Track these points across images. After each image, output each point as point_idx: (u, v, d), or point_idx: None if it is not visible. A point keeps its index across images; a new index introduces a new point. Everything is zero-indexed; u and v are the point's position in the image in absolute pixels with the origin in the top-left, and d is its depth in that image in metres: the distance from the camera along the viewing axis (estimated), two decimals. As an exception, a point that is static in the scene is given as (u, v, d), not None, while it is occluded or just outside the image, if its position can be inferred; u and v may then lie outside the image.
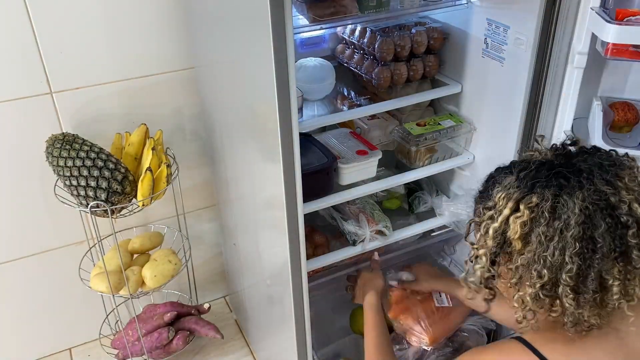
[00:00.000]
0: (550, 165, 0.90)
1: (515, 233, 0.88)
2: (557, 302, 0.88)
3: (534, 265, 0.87)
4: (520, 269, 0.89)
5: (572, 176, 0.87)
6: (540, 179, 0.88)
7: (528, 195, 0.88)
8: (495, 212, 0.92)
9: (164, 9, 1.61)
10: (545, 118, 1.40)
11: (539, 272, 0.87)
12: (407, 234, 1.66)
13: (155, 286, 1.67)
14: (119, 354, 1.85)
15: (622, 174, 0.88)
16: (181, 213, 1.81)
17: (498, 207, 0.91)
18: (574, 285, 0.86)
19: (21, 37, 1.49)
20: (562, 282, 0.86)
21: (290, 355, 1.55)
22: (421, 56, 1.59)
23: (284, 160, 1.20)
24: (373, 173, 1.52)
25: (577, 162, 0.90)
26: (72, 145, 1.48)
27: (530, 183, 0.89)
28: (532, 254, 0.87)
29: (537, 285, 0.87)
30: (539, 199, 0.87)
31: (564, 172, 0.88)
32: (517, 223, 0.87)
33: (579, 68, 1.30)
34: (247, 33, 1.20)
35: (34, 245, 1.79)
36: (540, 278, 0.87)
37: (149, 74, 1.68)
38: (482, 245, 0.94)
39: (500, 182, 0.93)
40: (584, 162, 0.89)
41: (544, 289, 0.88)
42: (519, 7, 1.33)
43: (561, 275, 0.85)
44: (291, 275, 1.37)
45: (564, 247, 0.84)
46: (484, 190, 1.00)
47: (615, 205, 0.85)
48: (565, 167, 0.89)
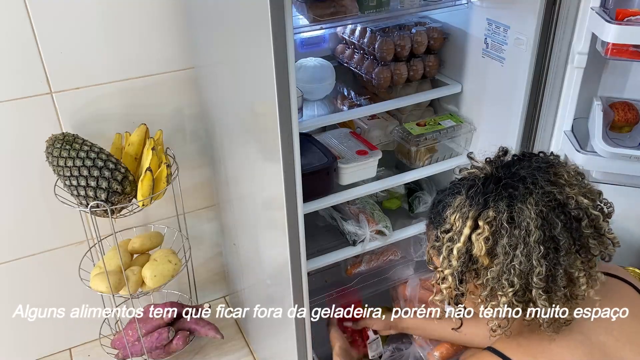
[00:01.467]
0: (495, 179, 0.93)
1: (480, 250, 0.90)
2: (531, 305, 0.90)
3: (504, 275, 0.89)
4: (490, 281, 0.91)
5: (519, 184, 0.90)
6: (490, 193, 0.91)
7: (484, 211, 0.90)
8: (453, 233, 0.94)
9: (163, 9, 1.61)
10: (545, 118, 1.40)
11: (510, 281, 0.89)
12: (407, 234, 1.66)
13: (155, 286, 1.67)
14: (119, 354, 1.85)
15: (560, 171, 0.92)
16: (181, 213, 1.81)
17: (455, 228, 0.93)
18: (545, 286, 0.88)
19: (21, 37, 1.49)
20: (534, 286, 0.88)
21: (290, 355, 1.55)
22: (421, 56, 1.59)
23: (284, 160, 1.20)
24: (373, 173, 1.52)
25: (517, 170, 0.93)
26: (72, 145, 1.48)
27: (482, 199, 0.91)
28: (500, 265, 0.89)
29: (510, 293, 0.89)
30: (495, 212, 0.89)
31: (511, 182, 0.91)
32: (480, 240, 0.89)
33: (579, 68, 1.30)
34: (247, 33, 1.20)
35: (34, 245, 1.79)
36: (512, 287, 0.89)
37: (149, 74, 1.68)
38: (447, 267, 0.95)
39: (449, 204, 0.95)
40: (524, 169, 0.92)
41: (517, 295, 0.90)
42: (519, 7, 1.33)
43: (532, 279, 0.88)
44: (291, 275, 1.37)
45: (530, 252, 0.87)
46: (433, 216, 1.02)
47: (564, 202, 0.89)
48: (509, 178, 0.92)
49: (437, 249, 0.99)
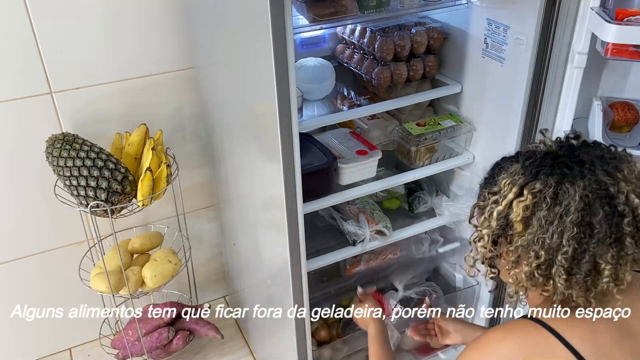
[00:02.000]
0: (554, 155, 0.95)
1: (517, 216, 0.93)
2: (550, 281, 0.93)
3: (533, 246, 0.92)
4: (520, 249, 0.94)
5: (575, 166, 0.91)
6: (545, 167, 0.93)
7: (532, 182, 0.92)
8: (499, 196, 0.97)
9: (163, 9, 1.61)
10: (545, 118, 1.40)
11: (537, 253, 0.92)
12: (407, 234, 1.66)
13: (155, 286, 1.67)
14: (119, 354, 1.85)
15: (622, 166, 0.92)
16: (181, 213, 1.81)
17: (502, 192, 0.96)
18: (568, 266, 0.91)
19: (21, 37, 1.49)
20: (557, 263, 0.91)
21: (290, 355, 1.56)
22: (421, 56, 1.59)
23: (284, 160, 1.20)
24: (373, 173, 1.52)
25: (580, 153, 0.94)
26: (72, 145, 1.48)
27: (535, 170, 0.93)
28: (532, 235, 0.92)
29: (534, 264, 0.93)
30: (542, 185, 0.91)
31: (567, 162, 0.92)
32: (520, 207, 0.92)
33: (579, 68, 1.30)
34: (247, 33, 1.20)
35: (34, 245, 1.79)
36: (537, 258, 0.92)
37: (149, 74, 1.68)
38: (486, 227, 0.99)
39: (506, 169, 0.98)
40: (587, 154, 0.94)
41: (540, 268, 0.93)
42: (519, 7, 1.33)
43: (557, 257, 0.91)
44: (291, 275, 1.38)
45: (563, 230, 0.89)
46: (489, 176, 1.04)
47: (613, 195, 0.89)
48: (569, 158, 0.93)
49: (481, 207, 1.02)
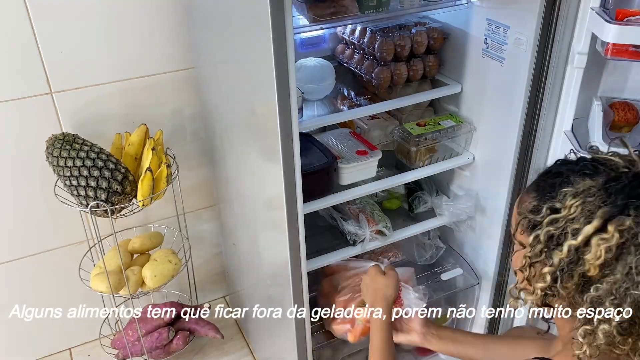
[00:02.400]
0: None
1: (597, 258, 0.75)
2: (629, 340, 0.76)
3: (613, 298, 0.75)
4: (593, 299, 0.77)
5: None
6: (633, 198, 0.74)
7: (620, 216, 0.74)
8: (563, 219, 0.78)
9: (164, 9, 1.61)
10: (545, 118, 1.40)
11: (619, 307, 0.74)
12: (407, 234, 1.66)
13: (155, 286, 1.67)
14: (119, 354, 1.85)
15: None
16: (181, 213, 1.81)
17: (569, 214, 0.77)
18: None
19: (21, 37, 1.49)
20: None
21: (290, 355, 1.56)
22: (421, 56, 1.59)
23: (284, 160, 1.20)
24: (373, 173, 1.52)
25: None
26: (72, 145, 1.48)
27: (623, 201, 0.74)
28: (612, 285, 0.75)
29: (615, 322, 0.75)
30: (634, 223, 0.73)
31: None
32: (602, 247, 0.74)
33: (579, 68, 1.30)
34: (247, 33, 1.20)
35: (34, 245, 1.79)
36: (619, 314, 0.75)
37: (149, 74, 1.68)
38: (546, 259, 0.80)
39: (574, 183, 0.79)
40: None
41: (621, 326, 0.75)
42: (519, 7, 1.33)
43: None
44: (291, 275, 1.38)
45: None
46: (544, 182, 0.85)
47: None
48: None
49: (531, 222, 0.82)
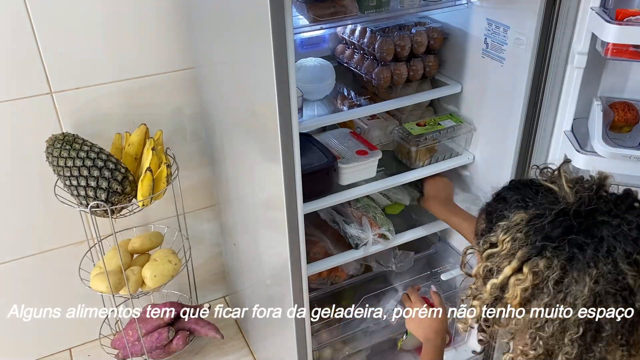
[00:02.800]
0: (567, 223, 0.78)
1: (514, 298, 0.79)
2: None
3: (530, 334, 0.79)
4: (515, 329, 0.82)
5: (589, 248, 0.75)
6: (552, 240, 0.77)
7: (535, 258, 0.77)
8: (496, 255, 0.82)
9: (164, 9, 1.61)
10: (545, 118, 1.40)
11: (534, 343, 0.79)
12: (410, 237, 1.65)
13: (155, 286, 1.67)
14: (119, 354, 1.85)
15: None
16: (181, 213, 1.81)
17: (502, 250, 0.82)
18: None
19: (21, 37, 1.49)
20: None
21: (290, 355, 1.55)
22: (421, 56, 1.59)
23: (284, 160, 1.20)
24: (373, 173, 1.52)
25: (600, 224, 0.77)
26: (72, 145, 1.48)
27: (541, 243, 0.77)
28: (529, 322, 0.79)
29: (531, 354, 0.80)
30: (546, 267, 0.76)
31: (581, 240, 0.76)
32: (518, 288, 0.78)
33: (579, 68, 1.30)
34: (247, 33, 1.20)
35: (34, 245, 1.79)
36: (534, 350, 0.79)
37: (149, 74, 1.68)
38: (477, 296, 0.86)
39: (508, 215, 0.83)
40: (608, 228, 0.76)
41: (538, 358, 0.80)
42: (519, 7, 1.33)
43: (558, 355, 0.78)
44: (291, 275, 1.37)
45: (565, 328, 0.76)
46: (492, 208, 0.90)
47: (633, 291, 0.74)
48: (584, 232, 0.77)
49: (481, 251, 0.87)
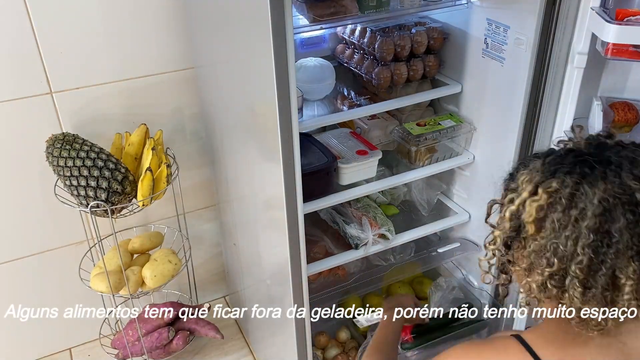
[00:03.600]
0: (578, 153, 0.87)
1: (529, 216, 0.86)
2: (565, 294, 0.85)
3: (545, 252, 0.85)
4: (532, 255, 0.87)
5: (598, 166, 0.83)
6: (564, 165, 0.86)
7: (548, 180, 0.85)
8: (516, 195, 0.90)
9: (164, 9, 1.61)
10: (545, 118, 1.40)
11: (549, 260, 0.84)
12: (411, 237, 1.65)
13: (155, 286, 1.67)
14: (119, 354, 1.85)
15: None
16: (181, 213, 1.81)
17: (519, 189, 0.89)
18: (584, 278, 0.82)
19: (21, 37, 1.49)
20: (571, 274, 0.83)
21: (290, 355, 1.55)
22: (421, 56, 1.59)
23: (284, 160, 1.20)
24: (373, 173, 1.52)
25: (609, 153, 0.86)
26: (72, 145, 1.48)
27: (553, 168, 0.86)
28: (545, 240, 0.85)
29: (546, 273, 0.85)
30: (559, 185, 0.84)
31: (590, 161, 0.84)
32: (533, 207, 0.85)
33: (579, 68, 1.30)
34: (247, 33, 1.20)
35: (34, 245, 1.79)
36: (549, 266, 0.84)
37: (149, 74, 1.68)
38: (500, 228, 0.92)
39: (526, 164, 0.91)
40: (616, 155, 0.85)
41: (552, 278, 0.85)
42: (519, 7, 1.33)
43: (571, 266, 0.83)
44: (291, 275, 1.38)
45: (577, 237, 0.82)
46: (511, 172, 0.97)
47: (639, 202, 0.81)
48: (594, 157, 0.85)
49: (500, 205, 0.95)
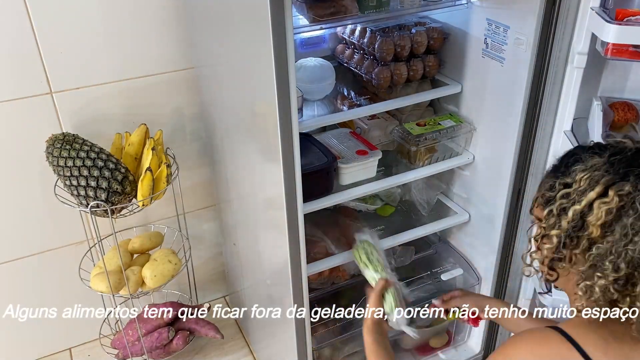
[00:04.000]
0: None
1: (598, 219, 0.83)
2: (627, 299, 0.84)
3: (611, 256, 0.83)
4: (594, 257, 0.85)
5: None
6: (635, 167, 0.83)
7: (620, 182, 0.83)
8: (574, 192, 0.87)
9: (164, 9, 1.61)
10: (545, 118, 1.40)
11: (616, 265, 0.82)
12: (410, 237, 1.65)
13: (155, 286, 1.67)
14: (119, 354, 1.85)
15: None
16: (181, 213, 1.81)
17: (579, 187, 0.86)
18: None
19: (21, 37, 1.49)
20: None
21: (290, 355, 1.55)
22: (421, 56, 1.59)
23: (284, 160, 1.20)
24: (373, 173, 1.52)
25: None
26: (72, 145, 1.48)
27: (624, 170, 0.83)
28: (611, 245, 0.83)
29: (611, 278, 0.83)
30: (633, 188, 0.82)
31: None
32: (603, 209, 0.83)
33: (579, 68, 1.30)
34: (247, 33, 1.20)
35: (34, 245, 1.79)
36: (616, 272, 0.82)
37: (149, 74, 1.68)
38: (555, 226, 0.89)
39: (584, 160, 0.88)
40: None
41: (617, 283, 0.83)
42: (519, 7, 1.33)
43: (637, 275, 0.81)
44: (291, 275, 1.37)
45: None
46: (560, 164, 0.94)
47: None
48: None
49: (546, 199, 0.91)
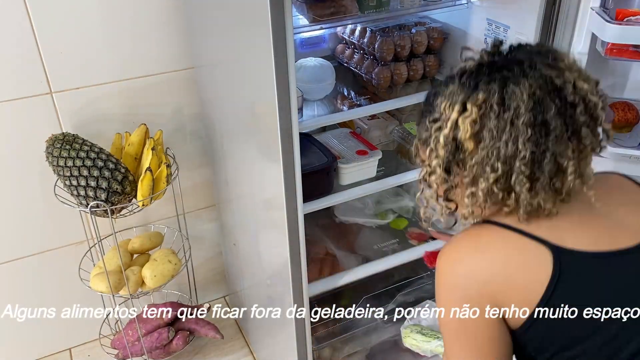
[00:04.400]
0: (489, 64, 0.89)
1: (466, 133, 0.87)
2: (511, 194, 0.88)
3: (488, 160, 0.87)
4: (475, 168, 0.88)
5: (515, 66, 0.86)
6: (483, 76, 0.87)
7: (474, 94, 0.87)
8: (442, 122, 0.90)
9: (163, 9, 1.61)
10: (545, 118, 1.40)
11: (493, 166, 0.86)
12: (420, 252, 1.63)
13: (155, 286, 1.67)
14: (119, 354, 1.85)
15: (560, 56, 0.88)
16: (181, 213, 1.81)
17: (444, 116, 0.90)
18: (530, 172, 0.86)
19: (21, 37, 1.49)
20: (517, 171, 0.85)
21: (290, 355, 1.56)
22: (421, 56, 1.59)
23: (284, 160, 1.20)
24: (373, 173, 1.53)
25: (515, 55, 0.89)
26: (72, 145, 1.48)
27: (474, 83, 0.87)
28: (485, 150, 0.87)
29: (491, 179, 0.87)
30: (486, 94, 0.86)
31: (506, 65, 0.87)
32: (467, 122, 0.86)
33: (579, 68, 1.30)
34: (247, 33, 1.20)
35: (33, 245, 1.79)
36: (494, 172, 0.86)
37: (149, 74, 1.68)
38: (435, 157, 0.93)
39: (442, 93, 0.92)
40: (522, 54, 0.89)
41: (498, 182, 0.87)
42: (519, 7, 1.33)
43: (515, 164, 0.85)
44: (291, 275, 1.38)
45: (517, 135, 0.84)
46: (426, 105, 0.97)
47: (561, 87, 0.85)
48: (505, 61, 0.88)
49: (424, 140, 0.95)
